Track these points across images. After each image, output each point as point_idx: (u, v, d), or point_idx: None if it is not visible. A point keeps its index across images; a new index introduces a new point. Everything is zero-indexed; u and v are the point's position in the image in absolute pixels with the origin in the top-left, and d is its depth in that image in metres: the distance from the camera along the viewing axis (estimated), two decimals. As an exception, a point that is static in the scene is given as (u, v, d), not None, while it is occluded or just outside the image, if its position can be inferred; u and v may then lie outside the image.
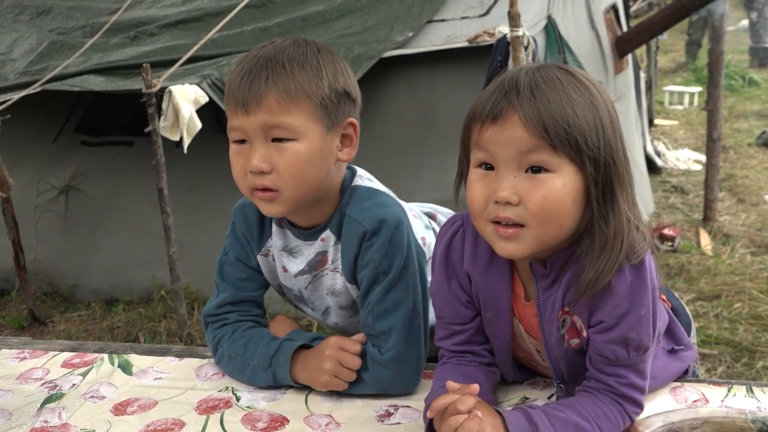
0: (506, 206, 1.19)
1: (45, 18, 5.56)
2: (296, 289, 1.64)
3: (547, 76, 1.21)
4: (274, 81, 1.39)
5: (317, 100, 1.41)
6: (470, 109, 1.27)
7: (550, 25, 4.52)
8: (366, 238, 1.47)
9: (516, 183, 1.19)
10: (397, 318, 1.48)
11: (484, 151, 1.22)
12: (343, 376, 1.47)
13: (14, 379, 1.64)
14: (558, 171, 1.18)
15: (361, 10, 4.77)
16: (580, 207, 1.21)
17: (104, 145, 5.37)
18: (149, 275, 4.71)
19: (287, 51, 1.43)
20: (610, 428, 1.25)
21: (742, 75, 10.71)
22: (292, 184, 1.42)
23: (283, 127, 1.40)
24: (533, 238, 1.20)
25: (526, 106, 1.17)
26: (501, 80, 1.24)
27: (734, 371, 3.62)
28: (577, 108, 1.18)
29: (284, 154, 1.40)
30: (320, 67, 1.43)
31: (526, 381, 1.50)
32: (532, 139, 1.17)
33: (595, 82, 1.26)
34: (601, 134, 1.19)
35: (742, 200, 6.12)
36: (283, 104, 1.39)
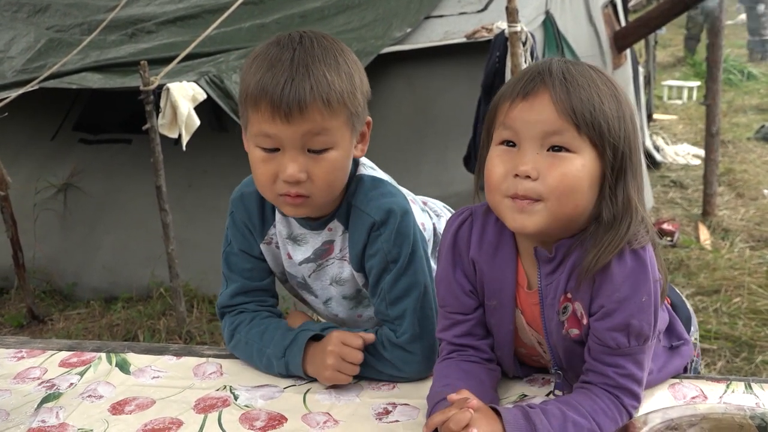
0: (525, 180, 1.23)
1: (42, 15, 5.55)
2: (300, 276, 1.65)
3: (577, 67, 1.28)
4: (318, 91, 1.37)
5: (352, 109, 1.43)
6: (500, 91, 1.32)
7: (549, 21, 4.52)
8: (374, 228, 1.50)
9: (537, 159, 1.23)
10: (410, 302, 1.50)
11: (510, 129, 1.26)
12: (346, 371, 1.48)
13: (11, 379, 1.63)
14: (579, 152, 1.23)
15: (359, 6, 4.77)
16: (595, 191, 1.25)
17: (102, 142, 5.36)
18: (148, 273, 4.71)
19: (320, 56, 1.40)
20: (608, 423, 1.25)
21: (740, 69, 10.70)
22: (324, 190, 1.45)
23: (324, 135, 1.40)
24: (548, 212, 1.23)
25: (558, 86, 1.23)
26: (534, 65, 1.30)
27: (733, 366, 3.62)
28: (603, 97, 1.24)
29: (321, 163, 1.42)
30: (351, 74, 1.44)
31: (525, 377, 1.50)
32: (559, 119, 1.22)
33: (618, 84, 1.32)
34: (623, 125, 1.25)
35: (741, 195, 6.11)
36: (326, 114, 1.39)
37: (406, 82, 4.66)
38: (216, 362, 1.66)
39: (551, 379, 1.46)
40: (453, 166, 4.28)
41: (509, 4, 3.56)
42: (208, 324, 4.30)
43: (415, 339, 1.50)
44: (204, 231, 4.54)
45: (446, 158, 4.37)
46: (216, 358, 1.68)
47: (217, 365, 1.64)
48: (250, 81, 1.40)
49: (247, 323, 1.63)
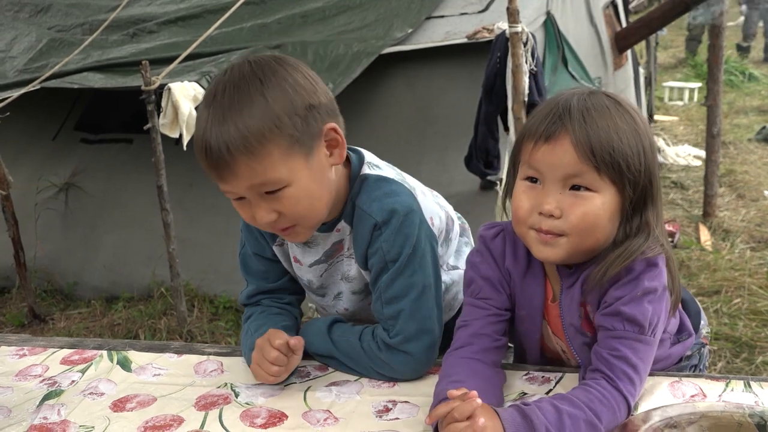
0: (549, 218, 1.31)
1: (44, 15, 5.56)
2: (306, 279, 1.66)
3: (596, 103, 1.32)
4: (235, 147, 1.33)
5: (285, 140, 1.37)
6: (523, 127, 1.39)
7: (549, 21, 4.52)
8: (376, 228, 1.49)
9: (560, 198, 1.31)
10: (405, 303, 1.49)
11: (534, 169, 1.34)
12: (264, 367, 1.48)
13: (13, 376, 1.64)
14: (599, 191, 1.30)
15: (360, 7, 4.78)
16: (615, 223, 1.33)
17: (104, 142, 5.37)
18: (149, 272, 4.71)
19: (233, 102, 1.35)
20: (604, 410, 1.26)
21: (741, 71, 10.71)
22: (305, 217, 1.44)
23: (268, 183, 1.38)
24: (570, 245, 1.32)
25: (578, 129, 1.28)
26: (555, 103, 1.34)
27: (734, 366, 3.62)
28: (622, 135, 1.29)
29: (283, 201, 1.40)
30: (270, 106, 1.36)
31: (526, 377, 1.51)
32: (579, 162, 1.28)
33: (637, 109, 1.37)
34: (642, 160, 1.31)
35: (741, 196, 6.11)
36: (254, 165, 1.35)
37: (407, 83, 4.67)
38: (217, 360, 1.66)
39: (550, 377, 1.47)
40: (453, 167, 4.29)
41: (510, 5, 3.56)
42: (208, 323, 4.31)
43: (408, 340, 1.49)
44: (205, 230, 4.55)
45: (447, 158, 4.38)
46: (217, 356, 1.68)
47: (218, 363, 1.65)
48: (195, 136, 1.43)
49: (257, 315, 1.66)
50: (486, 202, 4.23)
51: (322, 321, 1.62)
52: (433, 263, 1.54)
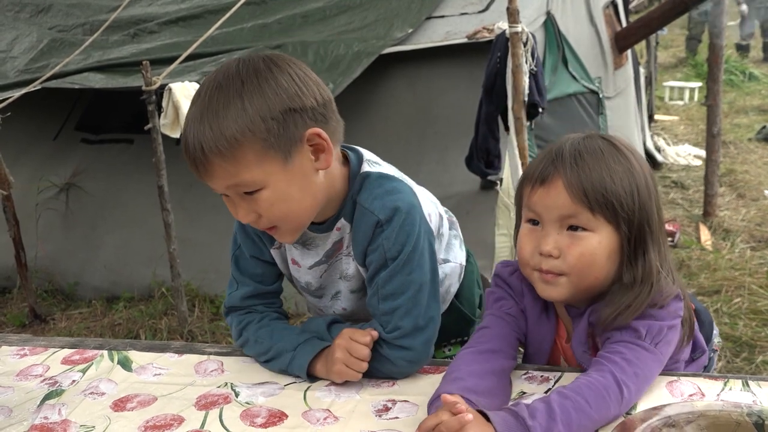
0: (549, 258, 1.38)
1: (45, 15, 5.57)
2: (304, 281, 1.66)
3: (590, 146, 1.39)
4: (209, 148, 1.34)
5: (258, 143, 1.35)
6: (523, 173, 1.47)
7: (550, 21, 4.53)
8: (378, 225, 1.49)
9: (558, 239, 1.38)
10: (402, 300, 1.50)
11: (533, 211, 1.41)
12: (353, 366, 1.48)
13: (14, 376, 1.64)
14: (595, 230, 1.36)
15: (361, 7, 4.78)
16: (615, 260, 1.39)
17: (104, 142, 5.38)
18: (150, 272, 4.72)
19: (211, 104, 1.36)
20: (593, 396, 1.27)
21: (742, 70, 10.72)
22: (284, 221, 1.45)
23: (243, 184, 1.39)
24: (570, 284, 1.39)
25: (569, 173, 1.35)
26: (550, 148, 1.42)
27: (734, 366, 3.63)
28: (614, 176, 1.36)
29: (260, 203, 1.41)
30: (245, 107, 1.35)
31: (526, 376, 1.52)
32: (573, 203, 1.35)
33: (634, 150, 1.43)
34: (636, 199, 1.37)
35: (742, 195, 6.12)
36: (230, 165, 1.36)
37: (408, 83, 4.67)
38: (217, 360, 1.67)
39: (549, 376, 1.48)
40: (454, 167, 4.29)
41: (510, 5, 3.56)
42: (209, 323, 4.31)
43: (404, 336, 1.50)
44: (205, 231, 4.55)
45: (447, 158, 4.39)
46: (217, 356, 1.69)
47: (218, 363, 1.65)
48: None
49: (257, 322, 1.65)
50: (486, 202, 4.24)
51: (321, 320, 1.62)
52: (431, 260, 1.55)
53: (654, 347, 1.36)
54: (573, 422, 1.23)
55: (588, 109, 5.00)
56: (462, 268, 1.80)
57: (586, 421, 1.25)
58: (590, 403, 1.26)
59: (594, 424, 1.26)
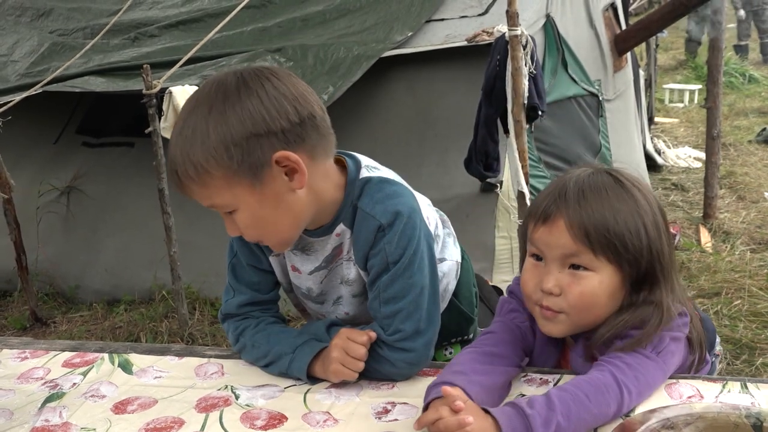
0: (550, 296, 1.38)
1: (46, 20, 5.58)
2: (305, 288, 1.66)
3: (594, 184, 1.37)
4: (182, 172, 1.39)
5: (221, 169, 1.37)
6: (529, 207, 1.48)
7: (549, 24, 4.54)
8: (380, 230, 1.50)
9: (559, 277, 1.38)
10: (403, 303, 1.51)
11: (535, 246, 1.42)
12: (349, 365, 1.49)
13: (15, 379, 1.65)
14: (597, 270, 1.36)
15: (361, 10, 4.79)
16: (617, 298, 1.39)
17: (105, 146, 5.39)
18: (150, 275, 4.72)
19: (184, 128, 1.38)
20: (592, 390, 1.28)
21: (742, 72, 10.72)
22: (266, 238, 1.49)
23: (217, 206, 1.43)
24: (570, 322, 1.40)
25: (572, 213, 1.35)
26: (555, 184, 1.42)
27: (734, 368, 3.62)
28: (618, 216, 1.34)
29: (238, 221, 1.45)
30: (209, 134, 1.36)
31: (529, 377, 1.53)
32: (575, 243, 1.35)
33: (641, 185, 1.41)
34: (644, 238, 1.35)
35: (742, 197, 6.12)
36: (199, 191, 1.41)
37: (408, 86, 4.67)
38: (217, 362, 1.67)
39: (548, 378, 1.48)
40: (454, 169, 4.30)
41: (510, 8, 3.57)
42: (210, 326, 4.32)
43: (405, 338, 1.51)
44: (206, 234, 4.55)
45: (447, 161, 4.39)
46: (217, 359, 1.69)
47: (218, 365, 1.66)
48: None
49: (253, 327, 1.65)
50: (486, 204, 4.24)
51: (320, 323, 1.63)
52: (431, 263, 1.55)
53: (656, 356, 1.36)
54: (572, 414, 1.24)
55: (588, 112, 5.01)
56: (458, 265, 1.81)
57: (585, 414, 1.25)
58: (589, 398, 1.27)
59: (593, 418, 1.27)
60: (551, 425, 1.21)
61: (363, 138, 4.37)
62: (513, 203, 3.94)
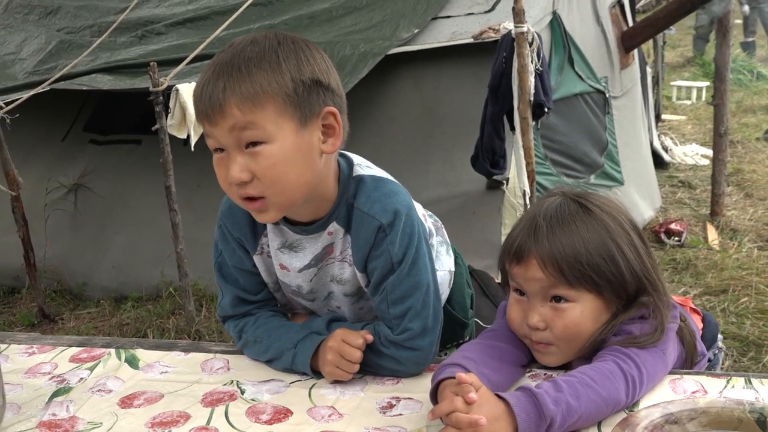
0: (536, 331, 1.42)
1: (53, 18, 5.59)
2: (294, 285, 1.64)
3: (562, 216, 1.40)
4: (231, 87, 1.34)
5: (281, 97, 1.35)
6: (503, 245, 1.49)
7: (556, 21, 4.53)
8: (380, 230, 1.49)
9: (543, 312, 1.41)
10: (413, 302, 1.51)
11: (515, 282, 1.45)
12: (344, 367, 1.50)
13: (23, 374, 1.66)
14: (577, 300, 1.39)
15: (367, 8, 4.79)
16: (602, 320, 1.41)
17: (112, 143, 5.40)
18: (158, 272, 4.74)
19: (244, 52, 1.37)
20: (597, 375, 1.30)
21: (750, 69, 10.67)
22: (274, 189, 1.39)
23: (251, 129, 1.35)
24: (561, 352, 1.44)
25: (542, 250, 1.37)
26: (526, 218, 1.45)
27: (741, 365, 3.62)
28: (589, 245, 1.37)
29: (259, 159, 1.36)
30: (279, 62, 1.36)
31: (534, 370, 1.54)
32: (550, 279, 1.38)
33: (611, 207, 1.44)
34: (622, 262, 1.37)
35: (749, 195, 6.10)
36: (245, 109, 1.34)
37: (414, 83, 4.68)
38: (223, 358, 1.68)
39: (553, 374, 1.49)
40: (460, 166, 4.30)
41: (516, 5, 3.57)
42: (216, 323, 4.32)
43: (414, 337, 1.51)
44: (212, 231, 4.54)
45: (453, 158, 4.39)
46: (223, 354, 1.70)
47: (224, 360, 1.67)
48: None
49: (253, 323, 1.65)
50: (493, 202, 4.25)
51: (321, 319, 1.63)
52: (430, 259, 1.56)
53: (654, 346, 1.37)
54: (581, 395, 1.25)
55: (594, 109, 5.00)
56: (451, 274, 1.80)
57: (593, 396, 1.26)
58: (595, 381, 1.28)
59: (603, 401, 1.28)
60: (561, 404, 1.22)
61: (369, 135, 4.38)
62: (519, 200, 3.94)
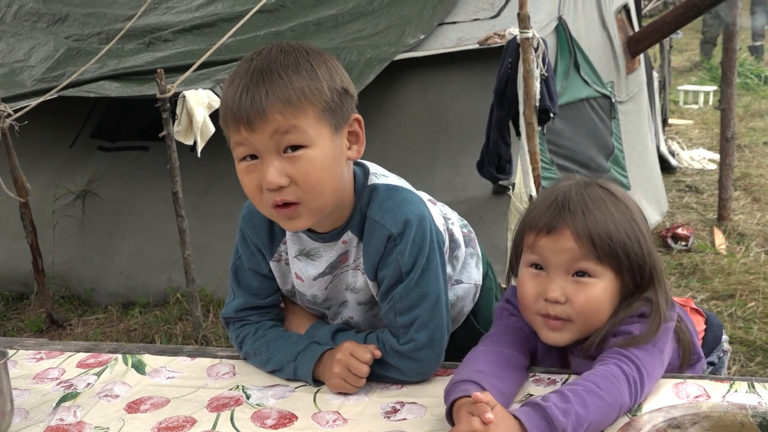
0: (555, 305, 1.41)
1: (61, 25, 5.62)
2: (310, 295, 1.65)
3: (593, 196, 1.43)
4: (273, 92, 1.35)
5: (320, 104, 1.39)
6: (524, 218, 1.50)
7: (561, 26, 4.54)
8: (390, 240, 1.49)
9: (564, 285, 1.41)
10: (420, 312, 1.51)
11: (538, 254, 1.44)
12: (351, 381, 1.51)
13: (31, 379, 1.68)
14: (600, 277, 1.41)
15: (373, 14, 4.80)
16: (615, 302, 1.44)
17: (120, 150, 5.43)
18: (165, 278, 4.76)
19: (278, 60, 1.39)
20: (603, 381, 1.31)
21: (757, 74, 10.65)
22: (313, 193, 1.40)
23: (294, 133, 1.36)
24: (576, 330, 1.43)
25: (578, 222, 1.40)
26: (555, 196, 1.45)
27: (748, 370, 3.61)
28: (618, 225, 1.41)
29: (299, 163, 1.37)
30: (314, 70, 1.40)
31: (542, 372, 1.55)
32: (581, 251, 1.39)
33: (629, 198, 1.49)
34: (644, 245, 1.42)
35: (756, 199, 6.09)
36: (287, 114, 1.35)
37: (420, 88, 4.69)
38: (229, 363, 1.69)
39: (556, 379, 1.49)
40: (466, 172, 4.30)
41: (521, 11, 3.58)
42: (223, 329, 4.33)
43: (419, 348, 1.51)
44: (220, 236, 4.58)
45: (459, 163, 4.40)
46: (229, 359, 1.71)
47: (230, 366, 1.68)
48: (221, 101, 1.45)
49: (252, 335, 1.66)
50: (498, 207, 4.25)
51: (326, 329, 1.64)
52: (443, 269, 1.55)
53: (653, 347, 1.38)
54: (588, 403, 1.26)
55: (600, 114, 5.00)
56: (477, 287, 1.80)
57: (600, 402, 1.27)
58: (600, 387, 1.29)
59: (609, 406, 1.29)
60: (570, 414, 1.23)
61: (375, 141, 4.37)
62: (525, 205, 3.94)
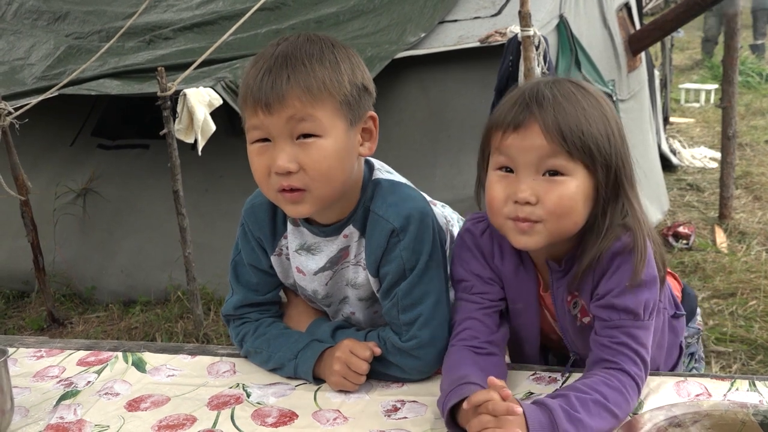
0: (525, 206, 1.33)
1: (62, 23, 5.62)
2: (310, 290, 1.65)
3: (563, 90, 1.35)
4: (295, 79, 1.37)
5: (339, 96, 1.40)
6: (490, 118, 1.41)
7: (562, 24, 4.53)
8: (394, 235, 1.49)
9: (534, 185, 1.33)
10: (423, 309, 1.51)
11: (505, 155, 1.36)
12: (351, 378, 1.51)
13: (31, 377, 1.68)
14: (572, 174, 1.33)
15: (374, 12, 4.80)
16: (589, 205, 1.36)
17: (121, 148, 5.42)
18: (166, 276, 4.75)
19: (304, 48, 1.41)
20: (611, 392, 1.30)
21: (759, 72, 10.63)
22: (320, 182, 1.41)
23: (309, 121, 1.38)
24: (547, 232, 1.35)
25: (547, 116, 1.32)
26: (521, 92, 1.37)
27: (749, 369, 3.61)
28: (590, 119, 1.33)
29: (310, 151, 1.39)
30: (338, 62, 1.41)
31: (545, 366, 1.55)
32: (551, 146, 1.31)
33: (602, 95, 1.41)
34: (613, 142, 1.35)
35: (758, 197, 6.08)
36: (306, 101, 1.37)
37: (421, 86, 4.68)
38: (229, 361, 1.69)
39: (557, 377, 1.49)
40: (467, 170, 4.30)
41: (522, 9, 3.57)
42: (224, 326, 4.34)
43: (421, 346, 1.51)
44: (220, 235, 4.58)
45: (460, 161, 4.39)
46: (229, 357, 1.71)
47: (230, 364, 1.68)
48: (242, 81, 1.46)
49: (252, 333, 1.66)
50: (499, 205, 4.24)
51: (327, 326, 1.64)
52: (445, 267, 1.56)
53: (648, 319, 1.38)
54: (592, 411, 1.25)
55: (601, 112, 4.99)
56: None
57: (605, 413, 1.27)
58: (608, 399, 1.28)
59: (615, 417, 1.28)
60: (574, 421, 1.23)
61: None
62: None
